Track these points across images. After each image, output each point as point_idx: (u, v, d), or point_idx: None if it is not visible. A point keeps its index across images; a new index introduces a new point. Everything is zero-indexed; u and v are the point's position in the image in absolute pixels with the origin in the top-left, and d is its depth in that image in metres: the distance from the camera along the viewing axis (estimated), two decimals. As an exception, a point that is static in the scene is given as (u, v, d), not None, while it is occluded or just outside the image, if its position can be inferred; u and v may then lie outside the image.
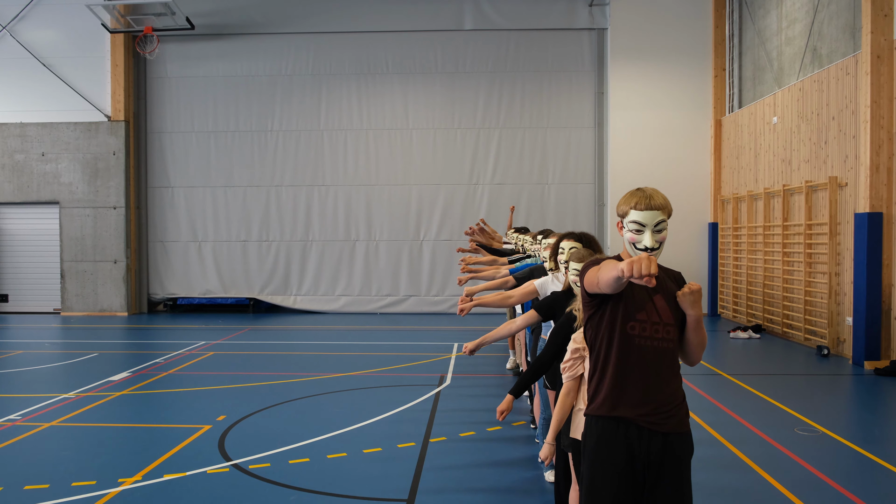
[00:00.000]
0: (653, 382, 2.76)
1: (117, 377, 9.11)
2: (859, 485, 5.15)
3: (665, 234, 2.78)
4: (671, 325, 2.79)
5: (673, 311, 2.80)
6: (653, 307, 2.78)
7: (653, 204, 2.75)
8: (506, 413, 3.78)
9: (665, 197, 2.83)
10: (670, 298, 2.81)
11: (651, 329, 2.76)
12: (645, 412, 2.74)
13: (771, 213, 12.81)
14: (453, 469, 5.57)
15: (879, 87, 9.43)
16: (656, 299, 2.79)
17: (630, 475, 2.76)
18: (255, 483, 5.26)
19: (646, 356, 2.76)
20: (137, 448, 6.16)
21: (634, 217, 2.77)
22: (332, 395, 8.17)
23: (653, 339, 2.76)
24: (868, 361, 9.46)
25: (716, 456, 5.84)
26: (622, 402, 2.77)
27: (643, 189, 2.81)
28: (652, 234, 2.75)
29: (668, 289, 2.84)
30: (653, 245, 2.74)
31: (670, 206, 2.83)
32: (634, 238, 2.78)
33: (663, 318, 2.78)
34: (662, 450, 2.75)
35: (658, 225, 2.76)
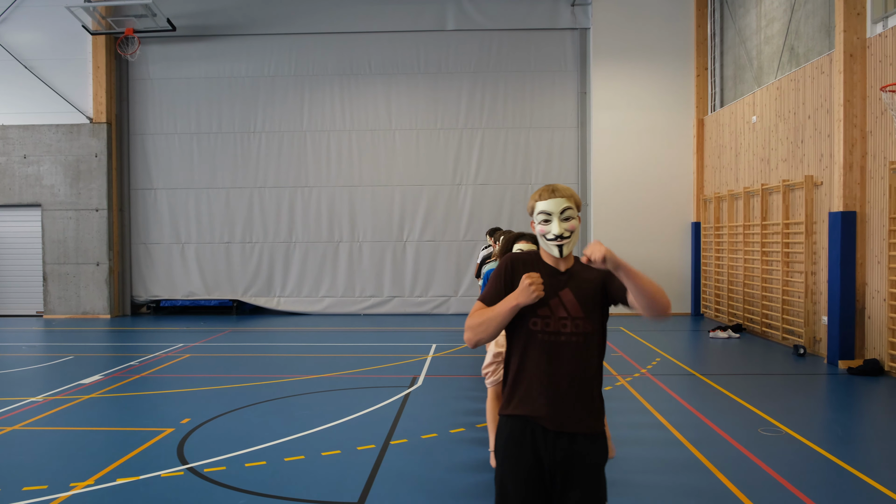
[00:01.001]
0: (559, 380, 2.71)
1: (88, 380, 9.07)
2: (813, 485, 5.13)
3: (574, 223, 2.75)
4: (581, 319, 2.73)
5: (583, 304, 2.74)
6: (559, 302, 2.74)
7: (557, 193, 2.76)
8: None
9: (571, 189, 2.83)
10: (581, 290, 2.75)
11: (556, 324, 2.72)
12: (551, 412, 2.70)
13: (751, 213, 12.80)
14: (409, 471, 5.54)
15: (852, 86, 9.42)
16: (563, 294, 2.75)
17: (538, 477, 2.72)
18: (208, 487, 5.23)
19: (551, 353, 2.72)
20: (95, 452, 6.12)
21: (541, 208, 2.77)
22: (302, 398, 8.13)
23: (559, 334, 2.72)
24: (842, 361, 9.45)
25: (674, 457, 5.81)
26: (527, 401, 2.73)
27: (550, 183, 2.82)
28: (559, 222, 2.73)
29: (580, 280, 2.78)
30: (561, 233, 2.72)
31: (577, 197, 2.82)
32: (543, 229, 2.76)
33: (571, 312, 2.73)
34: (569, 452, 2.70)
35: (564, 212, 2.74)
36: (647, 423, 6.83)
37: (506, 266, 2.83)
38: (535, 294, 2.61)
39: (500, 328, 2.72)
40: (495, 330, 2.71)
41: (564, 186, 2.81)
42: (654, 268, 15.46)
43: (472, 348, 2.84)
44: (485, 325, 2.70)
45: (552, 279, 2.77)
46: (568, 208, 2.75)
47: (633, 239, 15.41)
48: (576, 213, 2.78)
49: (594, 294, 2.76)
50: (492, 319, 2.69)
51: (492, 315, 2.69)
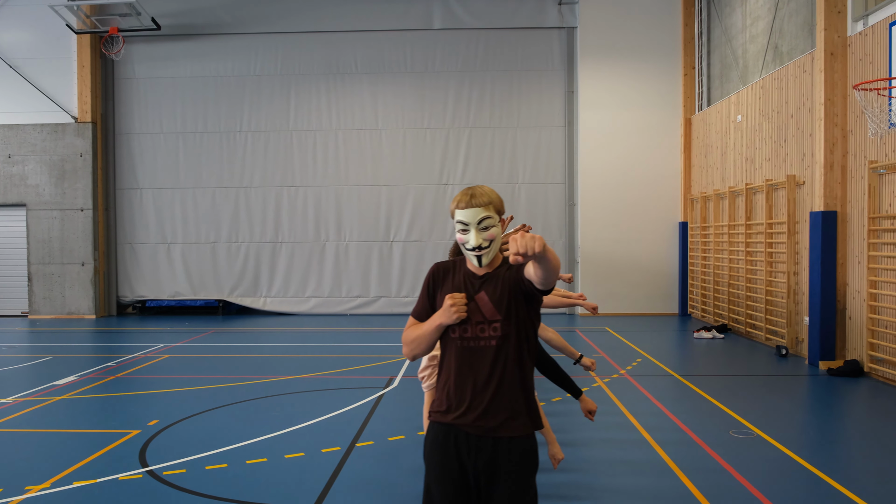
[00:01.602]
0: (480, 385, 2.65)
1: (63, 381, 9.00)
2: (775, 488, 5.05)
3: (493, 231, 2.66)
4: (497, 321, 2.66)
5: (498, 305, 2.66)
6: (475, 307, 2.67)
7: (474, 202, 2.65)
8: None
9: (492, 194, 2.70)
10: (495, 290, 2.67)
11: (474, 330, 2.66)
12: (472, 417, 2.64)
13: (736, 212, 12.73)
14: (369, 475, 5.47)
15: (833, 85, 9.35)
16: (479, 298, 2.68)
17: (462, 483, 2.66)
18: (164, 490, 5.15)
19: (471, 358, 2.66)
20: (56, 454, 6.04)
21: (458, 217, 2.68)
22: (276, 399, 8.06)
23: (477, 339, 2.66)
24: (823, 361, 9.38)
25: (640, 459, 5.74)
26: (451, 407, 2.68)
27: (470, 187, 2.72)
28: (477, 232, 2.64)
29: (497, 280, 2.69)
30: (478, 244, 2.64)
31: (498, 202, 2.71)
32: (462, 238, 2.69)
33: (487, 316, 2.67)
34: (492, 458, 2.64)
35: (482, 222, 2.64)
36: (618, 425, 6.76)
37: (429, 279, 2.81)
38: (457, 316, 2.62)
39: (432, 344, 2.72)
40: (427, 346, 2.72)
41: (484, 192, 2.68)
42: (642, 267, 15.41)
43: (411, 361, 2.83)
44: (416, 343, 2.73)
45: (472, 284, 2.72)
46: (486, 217, 2.65)
47: (621, 238, 15.35)
48: (496, 221, 2.68)
49: (509, 291, 2.66)
50: (421, 337, 2.71)
51: (421, 333, 2.71)
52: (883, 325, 8.59)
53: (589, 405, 4.09)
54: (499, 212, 2.69)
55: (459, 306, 2.61)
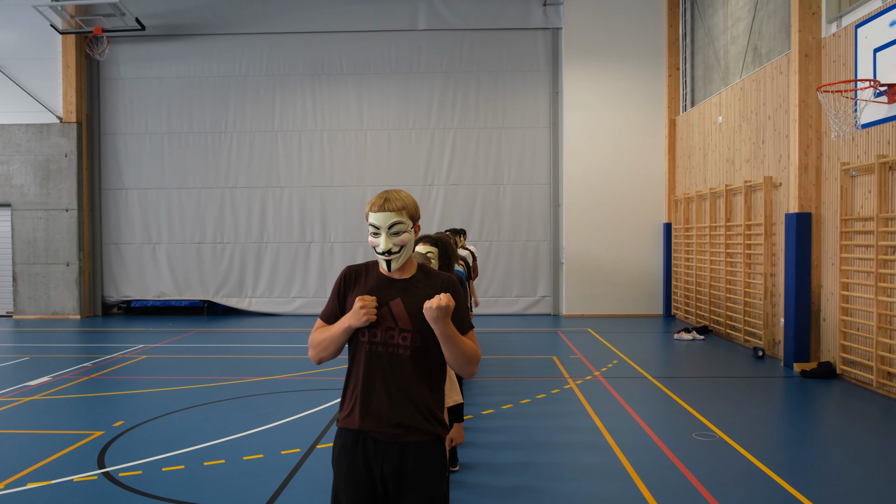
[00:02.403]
0: (388, 391, 2.65)
1: (35, 382, 8.99)
2: (728, 491, 5.05)
3: (405, 237, 2.66)
4: (409, 332, 2.66)
5: (413, 317, 2.66)
6: (388, 312, 2.67)
7: (387, 206, 2.65)
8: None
9: (407, 199, 2.71)
10: (414, 303, 2.67)
11: (384, 335, 2.66)
12: (380, 423, 2.64)
13: (716, 214, 12.73)
14: (324, 477, 5.46)
15: (808, 87, 9.35)
16: (393, 304, 2.68)
17: (370, 489, 2.66)
18: (117, 492, 5.15)
19: (379, 364, 2.66)
20: (15, 455, 6.04)
21: (371, 220, 2.69)
22: (246, 399, 8.05)
23: (387, 345, 2.66)
24: (797, 363, 9.38)
25: (597, 463, 5.74)
26: (358, 412, 2.67)
27: (387, 191, 2.72)
28: (387, 236, 2.65)
29: (416, 292, 2.70)
30: (388, 248, 2.64)
31: (412, 208, 2.71)
32: (373, 241, 2.69)
33: (399, 324, 2.66)
34: (400, 463, 2.64)
35: (393, 227, 2.65)
36: (582, 428, 6.76)
37: (341, 280, 2.78)
38: (366, 318, 2.60)
39: (340, 347, 2.71)
40: (335, 349, 2.71)
41: (398, 196, 2.68)
42: (626, 269, 15.40)
43: (318, 365, 2.83)
44: (324, 345, 2.71)
45: (386, 288, 2.71)
46: (398, 222, 2.65)
47: (605, 239, 15.34)
48: (408, 226, 2.67)
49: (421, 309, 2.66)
50: (329, 340, 2.69)
51: (328, 336, 2.69)
52: (855, 328, 8.59)
53: None
54: (412, 217, 2.69)
55: (369, 309, 2.60)
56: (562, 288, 15.70)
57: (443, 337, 2.62)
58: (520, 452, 5.97)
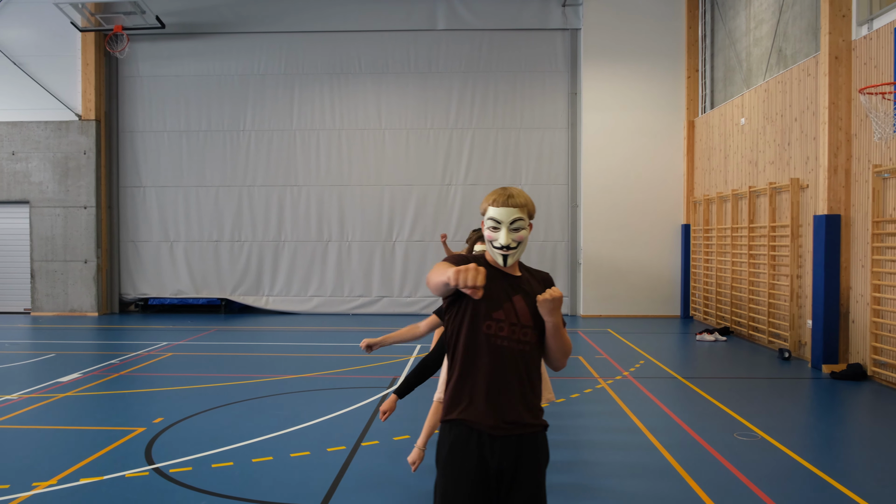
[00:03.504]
0: (507, 386, 2.67)
1: (67, 378, 9.01)
2: (785, 492, 5.07)
3: (523, 233, 2.70)
4: (529, 328, 2.70)
5: (532, 314, 2.72)
6: (511, 307, 2.70)
7: (510, 202, 2.69)
8: (388, 413, 3.72)
9: (527, 197, 2.77)
10: (531, 300, 2.73)
11: (508, 330, 2.68)
12: (497, 417, 2.66)
13: (738, 215, 12.75)
14: (376, 474, 5.48)
15: (837, 89, 9.37)
16: (515, 300, 2.71)
17: (483, 484, 2.67)
18: (171, 487, 5.17)
19: (500, 358, 2.67)
20: (63, 451, 6.06)
21: (491, 214, 2.71)
22: (280, 397, 8.07)
23: (510, 340, 2.68)
24: (826, 365, 9.39)
25: (646, 462, 5.75)
26: (473, 406, 2.68)
27: (506, 187, 2.77)
28: (508, 231, 2.68)
29: (529, 290, 2.76)
30: (507, 243, 2.67)
31: (532, 206, 2.77)
32: (491, 236, 2.71)
33: (521, 320, 2.70)
34: (515, 457, 2.67)
35: (514, 223, 2.69)
36: (623, 428, 6.77)
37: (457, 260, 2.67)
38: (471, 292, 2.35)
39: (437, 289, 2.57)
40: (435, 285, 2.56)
41: (520, 192, 2.74)
42: (644, 270, 15.42)
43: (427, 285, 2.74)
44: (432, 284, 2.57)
45: (503, 283, 2.73)
46: (519, 219, 2.69)
47: (623, 240, 15.36)
48: (527, 223, 2.72)
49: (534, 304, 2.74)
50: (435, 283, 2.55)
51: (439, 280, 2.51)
52: (886, 329, 8.61)
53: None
54: (530, 215, 2.73)
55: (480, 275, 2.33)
56: (579, 288, 15.71)
57: (554, 329, 2.71)
58: (567, 451, 5.99)
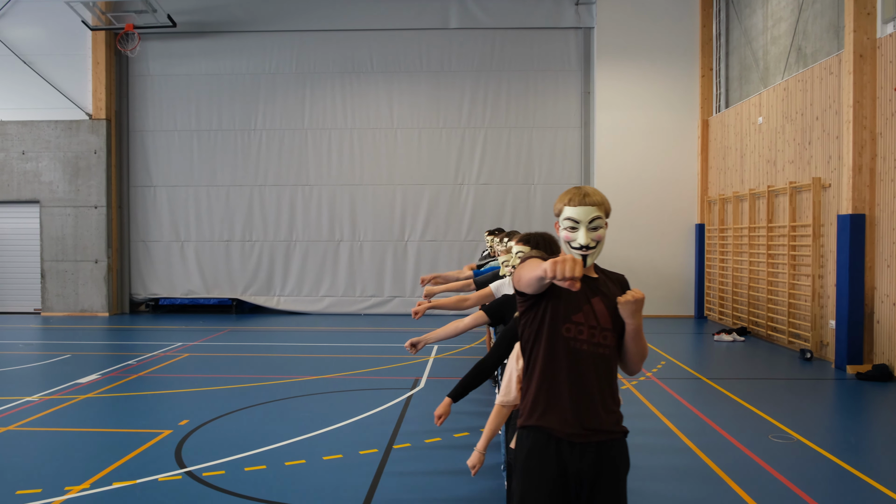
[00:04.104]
0: (587, 390, 2.60)
1: (85, 379, 8.93)
2: (826, 494, 4.99)
3: (602, 232, 2.62)
4: (609, 331, 2.63)
5: (611, 316, 2.64)
6: (591, 310, 2.62)
7: (587, 200, 2.61)
8: (444, 417, 3.62)
9: (602, 195, 2.68)
10: (610, 302, 2.65)
11: (588, 333, 2.60)
12: (578, 422, 2.58)
13: (756, 215, 12.67)
14: (413, 477, 5.41)
15: (862, 87, 9.29)
16: (594, 302, 2.63)
17: (562, 490, 2.60)
18: (206, 492, 5.09)
19: (580, 362, 2.60)
20: (91, 454, 5.98)
21: (568, 214, 2.62)
22: (302, 399, 8.00)
23: (589, 343, 2.60)
24: (850, 365, 9.32)
25: (685, 465, 5.68)
26: (554, 412, 2.61)
27: (580, 186, 2.69)
28: (587, 231, 2.59)
29: (608, 292, 2.68)
30: (587, 243, 2.59)
31: (608, 204, 2.68)
32: (569, 236, 2.62)
33: (601, 323, 2.62)
34: (596, 463, 2.60)
35: (593, 222, 2.60)
36: (656, 430, 6.70)
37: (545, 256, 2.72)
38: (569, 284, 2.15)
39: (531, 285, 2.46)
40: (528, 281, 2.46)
41: (595, 191, 2.66)
42: (658, 269, 15.35)
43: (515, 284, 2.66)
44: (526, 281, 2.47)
45: (583, 285, 2.64)
46: (597, 217, 2.61)
47: (637, 240, 15.28)
48: (604, 222, 2.64)
49: (616, 307, 2.66)
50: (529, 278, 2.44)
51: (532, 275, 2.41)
52: (913, 330, 8.53)
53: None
54: (607, 213, 2.65)
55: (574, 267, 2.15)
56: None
57: (635, 331, 2.64)
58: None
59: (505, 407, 3.30)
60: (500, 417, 3.31)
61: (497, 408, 3.30)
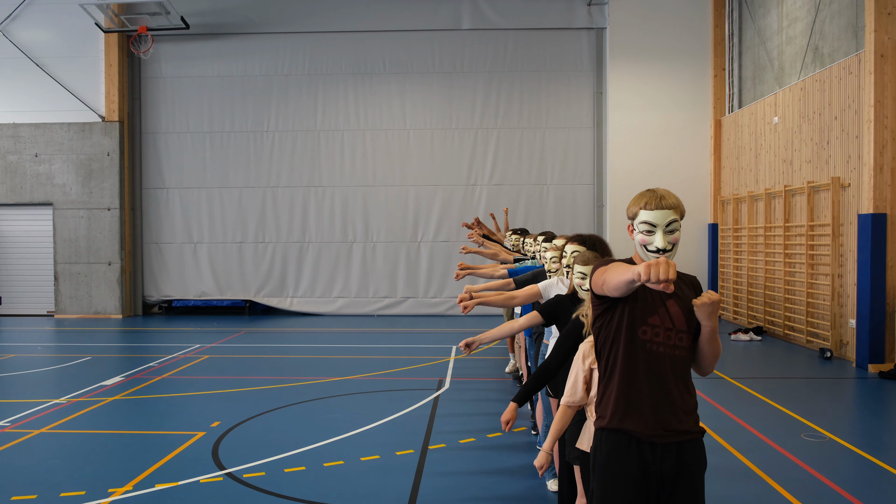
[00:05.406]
0: (666, 391, 2.63)
1: (110, 381, 8.95)
2: (867, 492, 5.02)
3: (678, 235, 2.63)
4: (684, 332, 2.65)
5: (686, 318, 2.66)
6: (666, 312, 2.64)
7: (664, 203, 2.62)
8: (511, 423, 3.61)
9: (677, 197, 2.70)
10: (684, 304, 2.67)
11: (664, 335, 2.63)
12: (657, 424, 2.61)
13: (772, 214, 12.69)
14: (453, 477, 5.43)
15: (883, 87, 9.31)
16: (669, 304, 2.65)
17: (643, 490, 2.63)
18: (250, 493, 5.11)
19: (657, 364, 2.62)
20: (129, 456, 6.00)
21: (644, 217, 2.63)
22: (329, 400, 8.02)
23: (665, 345, 2.63)
24: (872, 364, 9.34)
25: (725, 464, 5.70)
26: (633, 414, 2.63)
27: (654, 189, 2.68)
28: (664, 234, 2.60)
29: (682, 294, 2.70)
30: (664, 246, 2.60)
31: (683, 206, 2.69)
32: (645, 240, 2.63)
33: (676, 325, 2.64)
34: (676, 463, 2.63)
35: (670, 225, 2.61)
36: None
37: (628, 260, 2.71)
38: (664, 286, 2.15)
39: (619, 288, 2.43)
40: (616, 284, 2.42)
41: (669, 193, 2.66)
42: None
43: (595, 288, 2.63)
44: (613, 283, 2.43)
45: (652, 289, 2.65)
46: (674, 220, 2.62)
47: (650, 240, 15.27)
48: (680, 224, 2.65)
49: (690, 309, 2.67)
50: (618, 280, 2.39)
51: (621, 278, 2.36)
52: (937, 329, 8.56)
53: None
54: (682, 216, 2.66)
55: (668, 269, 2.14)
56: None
57: (711, 333, 2.67)
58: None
59: (570, 407, 3.31)
60: (565, 418, 3.33)
61: (563, 408, 3.31)
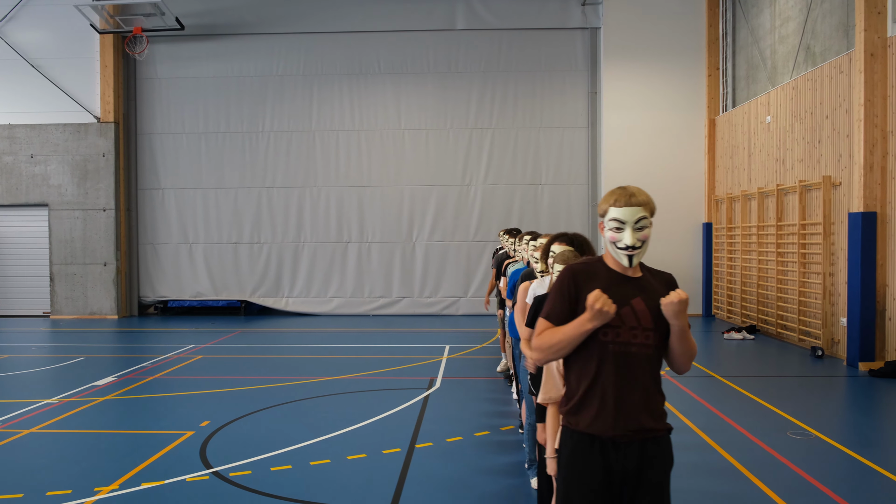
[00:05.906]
0: (630, 391, 2.63)
1: (102, 382, 8.98)
2: (850, 489, 5.04)
3: (647, 232, 2.64)
4: (651, 331, 2.64)
5: (653, 316, 2.65)
6: (630, 311, 2.64)
7: (633, 201, 2.63)
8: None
9: (648, 195, 2.70)
10: (653, 302, 2.66)
11: (627, 334, 2.62)
12: (621, 423, 2.62)
13: (765, 213, 12.71)
14: (438, 475, 5.45)
15: (873, 86, 9.33)
16: (635, 302, 2.65)
17: (606, 490, 2.64)
18: (235, 492, 5.13)
19: (621, 363, 2.62)
20: (117, 455, 6.03)
21: (614, 214, 2.64)
22: (319, 400, 8.04)
23: (629, 344, 2.62)
24: (862, 362, 9.37)
25: (707, 461, 5.72)
26: (597, 415, 2.64)
27: (625, 186, 2.70)
28: (633, 231, 2.62)
29: (651, 291, 2.70)
30: (633, 243, 2.62)
31: (653, 203, 2.70)
32: (615, 237, 2.65)
33: (642, 323, 2.64)
34: (639, 462, 2.63)
35: (639, 222, 2.63)
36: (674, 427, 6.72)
37: (568, 280, 2.70)
38: (609, 314, 2.52)
39: (573, 348, 2.65)
40: (568, 352, 2.66)
41: (640, 190, 2.67)
42: (665, 268, 15.26)
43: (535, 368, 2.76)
44: (557, 348, 2.63)
45: (622, 287, 2.66)
46: (643, 217, 2.63)
47: (644, 239, 15.29)
48: (650, 222, 2.66)
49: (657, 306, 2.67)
50: (566, 342, 2.61)
51: (564, 338, 2.60)
52: (926, 327, 8.58)
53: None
54: (652, 213, 2.67)
55: (606, 302, 2.50)
56: (600, 288, 15.66)
57: (680, 332, 2.65)
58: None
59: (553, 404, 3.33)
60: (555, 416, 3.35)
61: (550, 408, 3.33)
